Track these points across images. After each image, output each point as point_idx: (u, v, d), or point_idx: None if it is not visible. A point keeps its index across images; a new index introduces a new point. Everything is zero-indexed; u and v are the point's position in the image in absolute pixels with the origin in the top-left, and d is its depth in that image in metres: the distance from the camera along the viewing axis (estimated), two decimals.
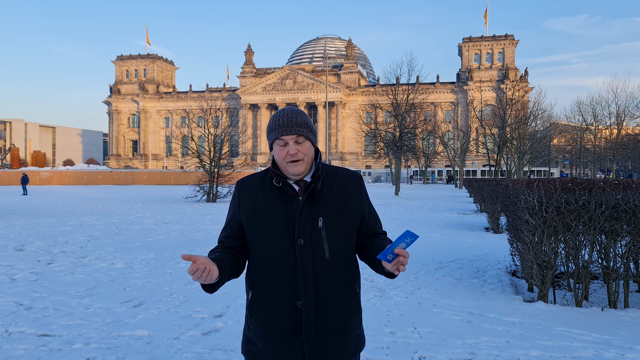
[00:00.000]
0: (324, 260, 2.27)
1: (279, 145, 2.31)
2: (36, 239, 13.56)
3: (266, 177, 2.40)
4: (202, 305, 6.69)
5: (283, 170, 2.32)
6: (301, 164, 2.29)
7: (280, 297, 2.26)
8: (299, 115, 2.32)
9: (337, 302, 2.31)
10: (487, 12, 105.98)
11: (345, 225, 2.34)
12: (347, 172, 2.47)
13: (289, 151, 2.27)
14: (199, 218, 20.48)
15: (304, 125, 2.31)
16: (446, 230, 16.31)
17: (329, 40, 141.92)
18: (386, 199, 35.49)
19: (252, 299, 2.35)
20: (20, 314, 6.27)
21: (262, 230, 2.29)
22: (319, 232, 2.26)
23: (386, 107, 52.42)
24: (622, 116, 63.12)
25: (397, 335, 5.54)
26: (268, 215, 2.29)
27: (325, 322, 2.27)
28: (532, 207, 6.64)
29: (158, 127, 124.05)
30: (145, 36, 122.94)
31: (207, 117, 35.85)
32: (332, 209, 2.31)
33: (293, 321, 2.25)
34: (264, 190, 2.35)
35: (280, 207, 2.29)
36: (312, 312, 2.24)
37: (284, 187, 2.30)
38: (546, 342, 5.28)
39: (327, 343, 2.28)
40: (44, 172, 73.59)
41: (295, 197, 2.30)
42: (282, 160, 2.29)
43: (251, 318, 2.34)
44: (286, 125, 2.28)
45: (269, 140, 2.37)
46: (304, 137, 2.30)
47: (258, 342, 2.30)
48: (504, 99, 52.04)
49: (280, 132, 2.28)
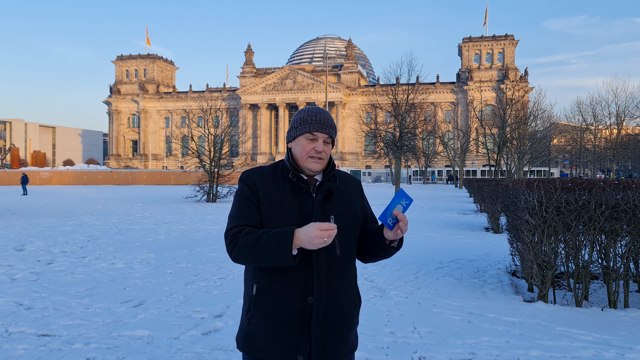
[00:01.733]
0: (335, 257, 2.32)
1: (307, 139, 2.35)
2: (36, 239, 13.56)
3: (277, 171, 2.41)
4: (202, 305, 6.69)
5: (300, 165, 2.36)
6: (321, 162, 2.35)
7: (291, 292, 2.26)
8: (331, 117, 2.42)
9: (343, 300, 2.36)
10: (487, 12, 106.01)
11: (352, 225, 2.41)
12: (349, 175, 2.55)
13: (316, 148, 2.33)
14: (199, 218, 20.48)
15: (334, 129, 2.41)
16: (446, 230, 16.31)
17: (329, 40, 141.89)
18: (386, 199, 35.49)
19: (258, 292, 2.31)
20: (20, 314, 6.27)
21: (277, 224, 2.27)
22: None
23: (386, 107, 52.44)
24: (622, 116, 63.15)
25: (397, 335, 5.54)
26: (284, 210, 2.30)
27: (331, 318, 2.30)
28: (532, 207, 6.64)
29: (158, 127, 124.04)
30: (146, 36, 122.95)
31: (207, 117, 35.85)
32: (342, 208, 2.38)
33: (301, 317, 2.25)
34: (277, 184, 2.35)
35: (295, 203, 2.32)
36: (321, 308, 2.26)
37: (299, 182, 2.33)
38: (546, 342, 5.28)
39: (332, 339, 2.31)
40: (44, 172, 73.57)
41: (309, 193, 2.34)
42: (305, 154, 2.34)
43: (255, 312, 2.30)
44: (322, 123, 2.35)
45: (296, 132, 2.38)
46: (332, 140, 2.39)
47: (261, 336, 2.29)
48: (504, 99, 52.09)
49: (315, 128, 2.34)
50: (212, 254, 11.18)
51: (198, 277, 8.59)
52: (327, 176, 2.39)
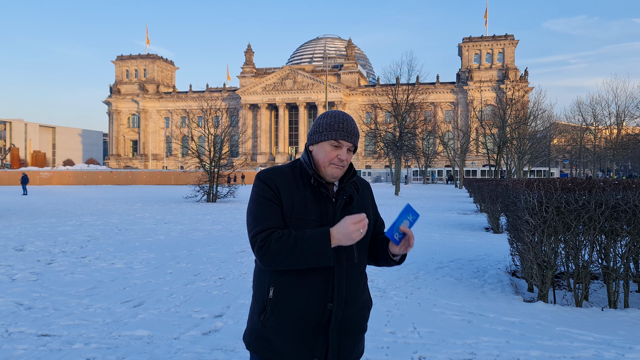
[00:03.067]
0: (353, 264, 2.34)
1: (331, 146, 2.33)
2: (36, 239, 13.56)
3: (296, 173, 2.37)
4: (202, 305, 6.69)
5: (322, 169, 2.35)
6: (342, 169, 2.36)
7: (311, 297, 2.25)
8: (356, 126, 2.42)
9: (358, 304, 2.39)
10: (487, 12, 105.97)
11: (368, 230, 2.41)
12: (361, 179, 2.55)
13: (340, 156, 2.32)
14: (199, 218, 20.48)
15: (358, 137, 2.41)
16: (446, 230, 16.31)
17: (329, 40, 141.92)
18: (386, 198, 35.48)
19: (276, 295, 2.28)
20: (20, 314, 6.27)
21: (297, 229, 2.23)
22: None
23: (386, 107, 52.41)
24: (622, 116, 63.16)
25: (397, 335, 5.54)
26: (307, 215, 2.27)
27: (347, 322, 2.33)
28: (532, 207, 6.64)
29: (158, 127, 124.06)
30: (146, 36, 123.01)
31: (207, 117, 35.84)
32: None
33: (318, 320, 2.26)
34: (298, 188, 2.32)
35: (316, 208, 2.30)
36: (339, 313, 2.28)
37: (320, 188, 2.32)
38: (546, 342, 5.28)
39: (347, 341, 2.34)
40: (44, 172, 73.56)
41: (329, 199, 2.33)
42: (328, 161, 2.32)
43: (272, 315, 2.27)
44: (349, 132, 2.35)
45: (320, 137, 2.35)
46: (354, 148, 2.40)
47: (277, 339, 2.27)
48: (504, 99, 52.06)
49: (342, 136, 2.32)
50: (212, 254, 11.18)
51: (198, 277, 8.59)
52: (347, 182, 2.38)
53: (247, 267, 9.46)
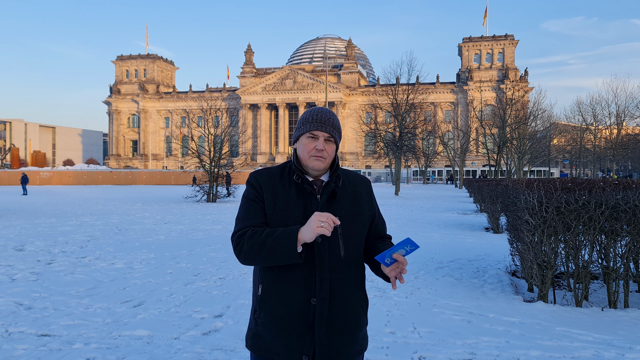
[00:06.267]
0: (339, 258, 2.32)
1: (308, 138, 2.36)
2: (36, 239, 13.56)
3: (284, 173, 2.42)
4: (202, 305, 6.69)
5: (304, 164, 2.37)
6: (323, 161, 2.35)
7: (294, 292, 2.27)
8: (334, 117, 2.43)
9: (348, 301, 2.36)
10: (487, 12, 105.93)
11: (359, 226, 2.41)
12: (358, 176, 2.55)
13: (317, 146, 2.33)
14: (199, 218, 20.48)
15: (337, 128, 2.41)
16: (446, 230, 16.31)
17: (329, 40, 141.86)
18: (386, 198, 35.49)
19: (263, 292, 2.33)
20: (20, 314, 6.27)
21: (281, 226, 2.28)
22: (335, 231, 2.29)
23: (386, 107, 52.42)
24: (622, 116, 63.19)
25: (397, 335, 5.54)
26: (289, 212, 2.31)
27: (336, 319, 2.31)
28: (532, 207, 6.64)
29: (158, 127, 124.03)
30: (146, 36, 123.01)
31: (207, 117, 35.84)
32: (347, 209, 2.38)
33: (305, 317, 2.26)
34: (283, 186, 2.37)
35: (299, 204, 2.33)
36: (325, 309, 2.27)
37: (304, 184, 2.35)
38: (546, 342, 5.28)
39: (338, 340, 2.32)
40: (44, 172, 73.57)
41: (313, 195, 2.35)
42: (307, 154, 2.35)
43: (261, 312, 2.33)
44: (323, 122, 2.36)
45: (298, 132, 2.41)
46: (334, 139, 2.39)
47: (267, 335, 2.31)
48: (504, 99, 52.05)
49: (315, 127, 2.35)
50: (212, 254, 11.18)
51: (198, 277, 8.59)
52: (332, 177, 2.39)
53: (247, 267, 9.46)
